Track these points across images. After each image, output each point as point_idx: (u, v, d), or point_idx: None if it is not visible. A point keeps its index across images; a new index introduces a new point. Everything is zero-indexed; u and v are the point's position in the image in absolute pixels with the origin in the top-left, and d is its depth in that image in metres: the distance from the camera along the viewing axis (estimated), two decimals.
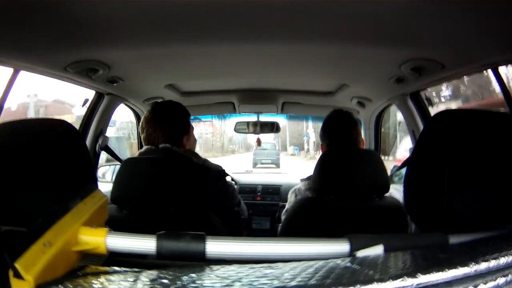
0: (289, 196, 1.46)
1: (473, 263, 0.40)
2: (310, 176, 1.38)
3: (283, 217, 1.44)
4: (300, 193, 1.38)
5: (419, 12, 0.87)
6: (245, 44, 1.17)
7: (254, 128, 2.29)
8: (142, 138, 1.27)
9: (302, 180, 1.42)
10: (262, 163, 16.07)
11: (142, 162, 1.15)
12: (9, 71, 1.14)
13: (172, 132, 1.23)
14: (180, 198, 1.04)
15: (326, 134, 1.37)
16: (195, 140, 1.36)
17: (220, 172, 1.29)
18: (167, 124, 1.22)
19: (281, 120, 2.62)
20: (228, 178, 1.41)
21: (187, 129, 1.28)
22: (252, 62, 1.44)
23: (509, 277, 0.40)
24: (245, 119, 2.33)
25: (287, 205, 1.44)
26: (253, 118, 2.30)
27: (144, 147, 1.23)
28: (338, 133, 1.34)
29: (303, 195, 1.37)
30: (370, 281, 0.36)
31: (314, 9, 0.87)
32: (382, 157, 1.43)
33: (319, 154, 1.54)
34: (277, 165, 15.86)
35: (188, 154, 1.21)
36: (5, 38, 0.95)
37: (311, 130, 23.04)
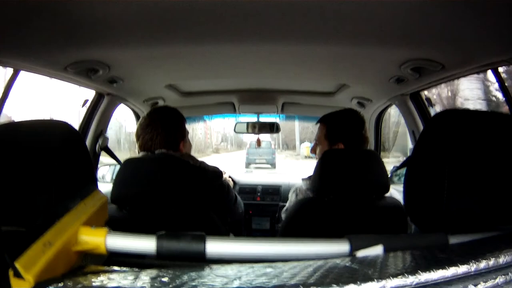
0: (290, 195, 1.45)
1: (472, 262, 0.41)
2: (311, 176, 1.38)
3: (283, 215, 1.44)
4: (301, 192, 1.38)
5: (419, 12, 0.87)
6: (245, 45, 1.18)
7: (253, 129, 2.29)
8: (138, 144, 1.26)
9: (303, 179, 1.41)
10: (256, 163, 14.81)
11: (141, 162, 1.15)
12: (9, 71, 1.15)
13: (170, 138, 1.23)
14: (179, 198, 1.05)
15: (342, 134, 1.33)
16: (190, 145, 1.37)
17: (216, 173, 1.30)
18: (164, 131, 1.23)
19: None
20: (229, 179, 1.41)
21: (184, 134, 1.29)
22: (252, 62, 1.44)
23: (508, 277, 0.41)
24: (244, 119, 2.33)
25: (288, 204, 1.44)
26: (252, 118, 2.30)
27: (140, 154, 1.23)
28: (355, 133, 1.31)
29: (304, 194, 1.36)
30: (369, 279, 0.36)
31: (314, 10, 0.87)
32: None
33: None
34: (273, 165, 14.70)
35: (184, 157, 1.21)
36: (5, 38, 0.95)
37: None
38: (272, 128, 2.30)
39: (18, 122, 0.66)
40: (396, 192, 1.57)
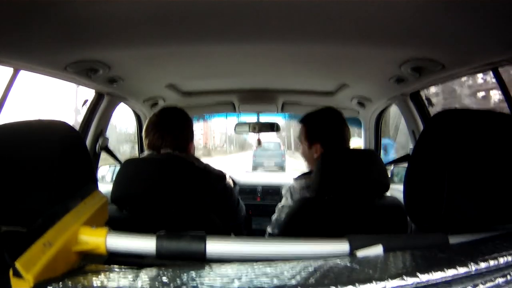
0: (284, 193, 1.44)
1: (472, 263, 0.41)
2: (303, 174, 1.37)
3: (276, 215, 1.43)
4: (296, 191, 1.37)
5: (419, 12, 0.87)
6: (246, 44, 1.18)
7: (253, 128, 2.29)
8: (145, 142, 1.26)
9: (295, 179, 1.40)
10: (264, 166, 13.20)
11: (143, 162, 1.15)
12: (9, 71, 1.15)
13: (180, 138, 1.23)
14: (180, 199, 1.04)
15: (321, 134, 1.34)
16: (194, 147, 1.37)
17: (220, 176, 1.30)
18: (176, 130, 1.23)
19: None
20: (229, 180, 1.41)
21: (192, 136, 1.29)
22: (252, 62, 1.44)
23: (508, 277, 0.41)
24: (244, 120, 2.33)
25: (283, 202, 1.42)
26: (252, 118, 2.30)
27: (146, 152, 1.23)
28: (335, 132, 1.32)
29: (299, 193, 1.36)
30: (369, 280, 0.36)
31: (314, 9, 0.87)
32: None
33: None
34: (283, 169, 12.90)
35: (190, 158, 1.21)
36: (5, 38, 0.95)
37: None
38: (272, 128, 2.30)
39: (18, 122, 0.66)
40: (396, 191, 1.57)
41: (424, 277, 0.38)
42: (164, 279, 0.38)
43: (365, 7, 0.85)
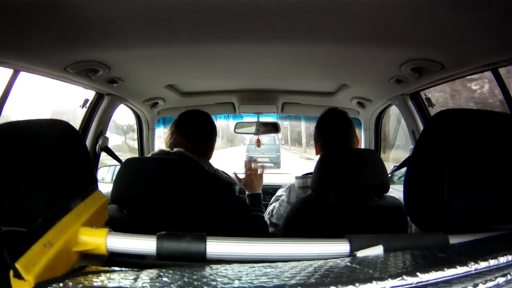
0: (284, 191, 1.48)
1: (472, 262, 0.40)
2: (306, 174, 1.39)
3: (274, 204, 1.45)
4: (294, 189, 1.40)
5: (419, 12, 0.87)
6: (245, 45, 1.18)
7: (254, 129, 2.29)
8: (166, 139, 1.26)
9: (297, 177, 1.43)
10: (258, 162, 13.00)
11: (143, 162, 1.14)
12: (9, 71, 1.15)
13: (207, 144, 1.25)
14: (182, 200, 1.04)
15: (321, 134, 1.37)
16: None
17: (229, 184, 1.30)
18: (205, 136, 1.26)
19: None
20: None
21: (214, 144, 1.33)
22: (252, 62, 1.44)
23: (508, 277, 0.40)
24: (244, 119, 2.33)
25: (283, 196, 1.45)
26: (252, 118, 2.30)
27: (157, 149, 1.23)
28: (333, 132, 1.34)
29: (296, 192, 1.39)
30: (369, 280, 0.36)
31: (314, 10, 0.87)
32: None
33: None
34: (277, 165, 12.44)
35: (200, 161, 1.21)
36: (5, 39, 0.95)
37: None
38: (272, 128, 2.30)
39: (18, 122, 0.66)
40: (396, 192, 1.57)
41: (424, 277, 0.38)
42: (165, 279, 0.38)
43: (365, 8, 0.85)
